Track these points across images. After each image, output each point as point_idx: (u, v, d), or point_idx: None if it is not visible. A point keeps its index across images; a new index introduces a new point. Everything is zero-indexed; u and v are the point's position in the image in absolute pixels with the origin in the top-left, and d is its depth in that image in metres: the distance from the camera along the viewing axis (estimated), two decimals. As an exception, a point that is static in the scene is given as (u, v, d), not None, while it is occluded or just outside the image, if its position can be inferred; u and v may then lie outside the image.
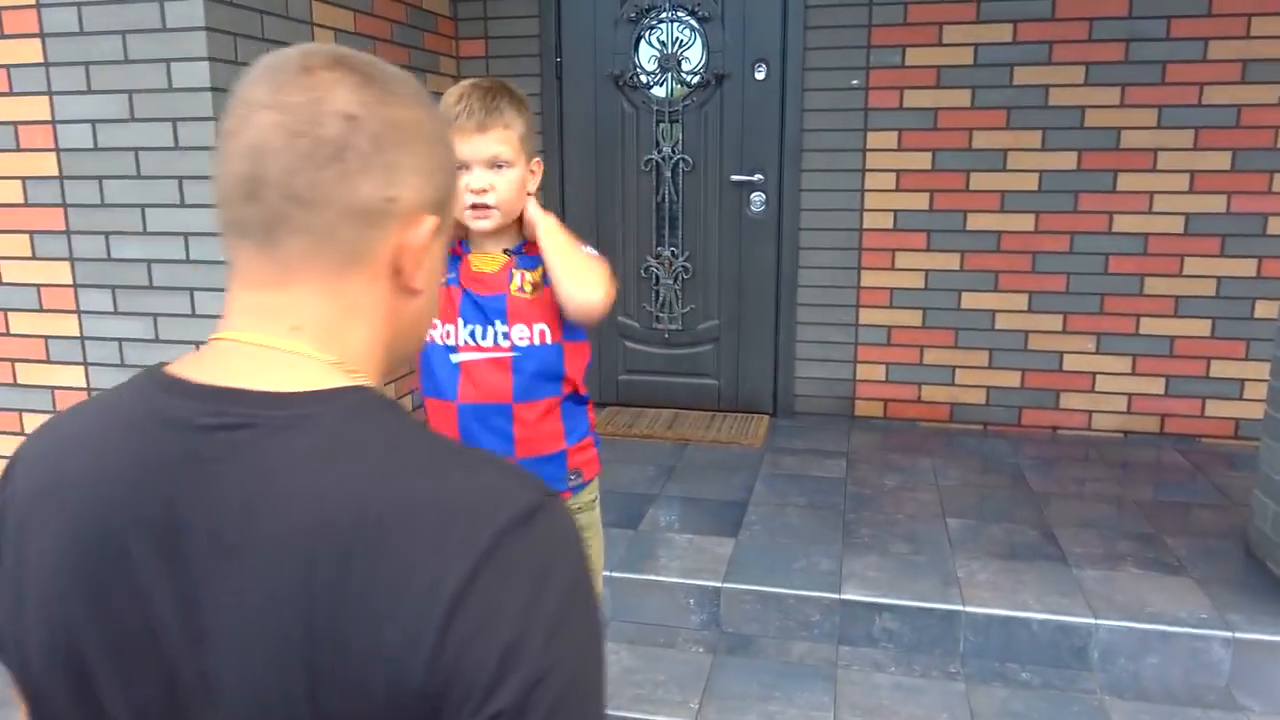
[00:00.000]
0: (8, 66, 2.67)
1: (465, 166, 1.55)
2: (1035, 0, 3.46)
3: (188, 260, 2.67)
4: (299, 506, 0.57)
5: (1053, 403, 3.75)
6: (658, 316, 3.99)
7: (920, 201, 3.69)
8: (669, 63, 3.80)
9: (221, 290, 2.72)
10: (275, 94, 0.64)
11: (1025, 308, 3.69)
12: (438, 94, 3.98)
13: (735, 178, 3.82)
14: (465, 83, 1.60)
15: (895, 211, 3.72)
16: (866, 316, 3.83)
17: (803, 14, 3.64)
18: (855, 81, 3.65)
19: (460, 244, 1.64)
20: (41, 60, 2.65)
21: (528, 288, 1.61)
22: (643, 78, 3.83)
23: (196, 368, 0.65)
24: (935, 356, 3.80)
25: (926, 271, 3.74)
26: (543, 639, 0.56)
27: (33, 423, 2.90)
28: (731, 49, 3.75)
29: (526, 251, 1.64)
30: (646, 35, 3.81)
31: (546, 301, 1.61)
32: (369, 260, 0.66)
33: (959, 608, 2.40)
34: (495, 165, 1.56)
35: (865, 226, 3.76)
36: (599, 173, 3.90)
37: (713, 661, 2.39)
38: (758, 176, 3.80)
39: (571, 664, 0.57)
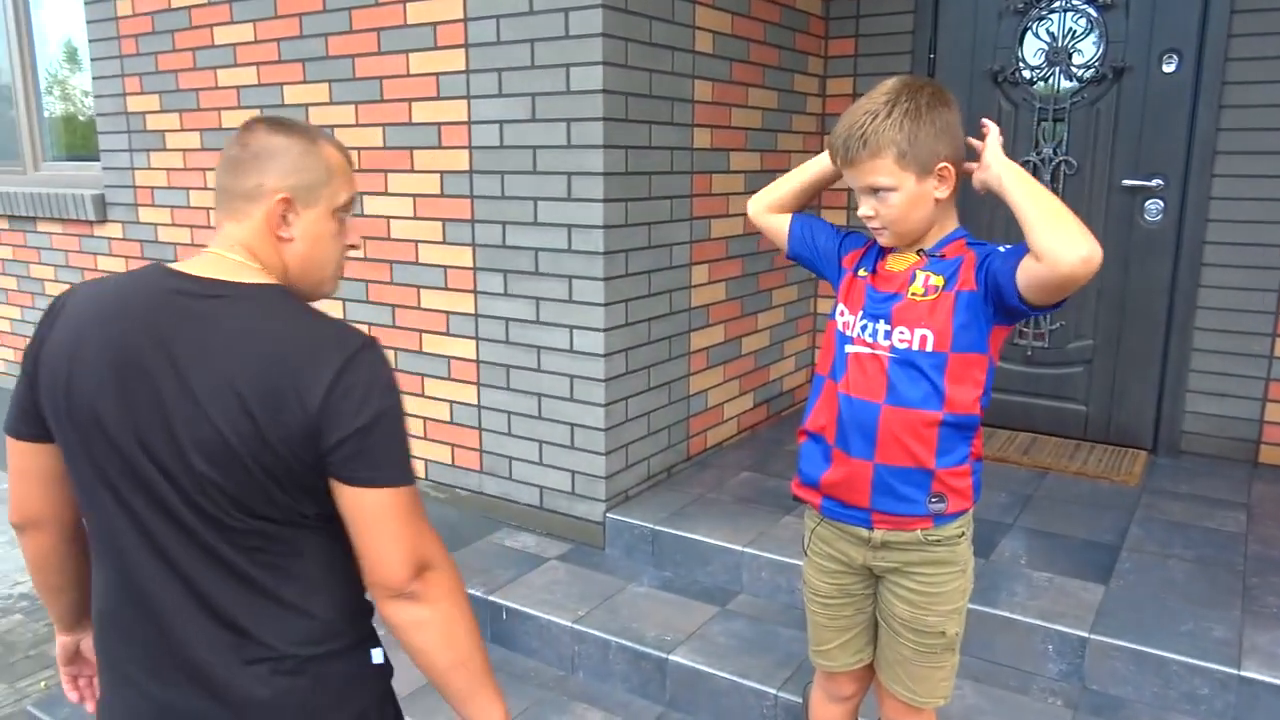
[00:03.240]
0: (437, 74, 3.04)
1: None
2: None
3: (569, 250, 2.88)
4: (248, 335, 1.14)
5: None
6: (1021, 331, 3.69)
7: (1373, 215, 3.06)
8: (1058, 56, 3.48)
9: (596, 279, 2.92)
10: (228, 146, 1.25)
11: None
12: (802, 95, 3.96)
13: (1127, 182, 3.41)
14: (850, 108, 1.58)
15: (1336, 226, 3.13)
16: (1285, 348, 3.26)
17: (1231, -4, 3.16)
18: (1294, 72, 3.11)
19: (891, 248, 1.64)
20: (464, 68, 2.98)
21: (920, 290, 1.55)
22: (1025, 73, 3.55)
23: (189, 266, 1.21)
24: (1378, 403, 3.14)
25: (1374, 300, 3.11)
26: (378, 396, 1.15)
27: (433, 387, 3.30)
28: (1135, 39, 3.35)
29: (942, 255, 1.58)
30: (1034, 27, 3.52)
31: (941, 307, 1.53)
32: (254, 217, 1.22)
33: (1407, 714, 1.96)
34: (873, 192, 1.55)
35: (1293, 242, 3.20)
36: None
37: (1073, 718, 2.16)
38: (1156, 181, 3.37)
39: (392, 417, 1.17)
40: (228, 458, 1.11)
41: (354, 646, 1.26)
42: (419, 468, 3.40)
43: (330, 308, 3.46)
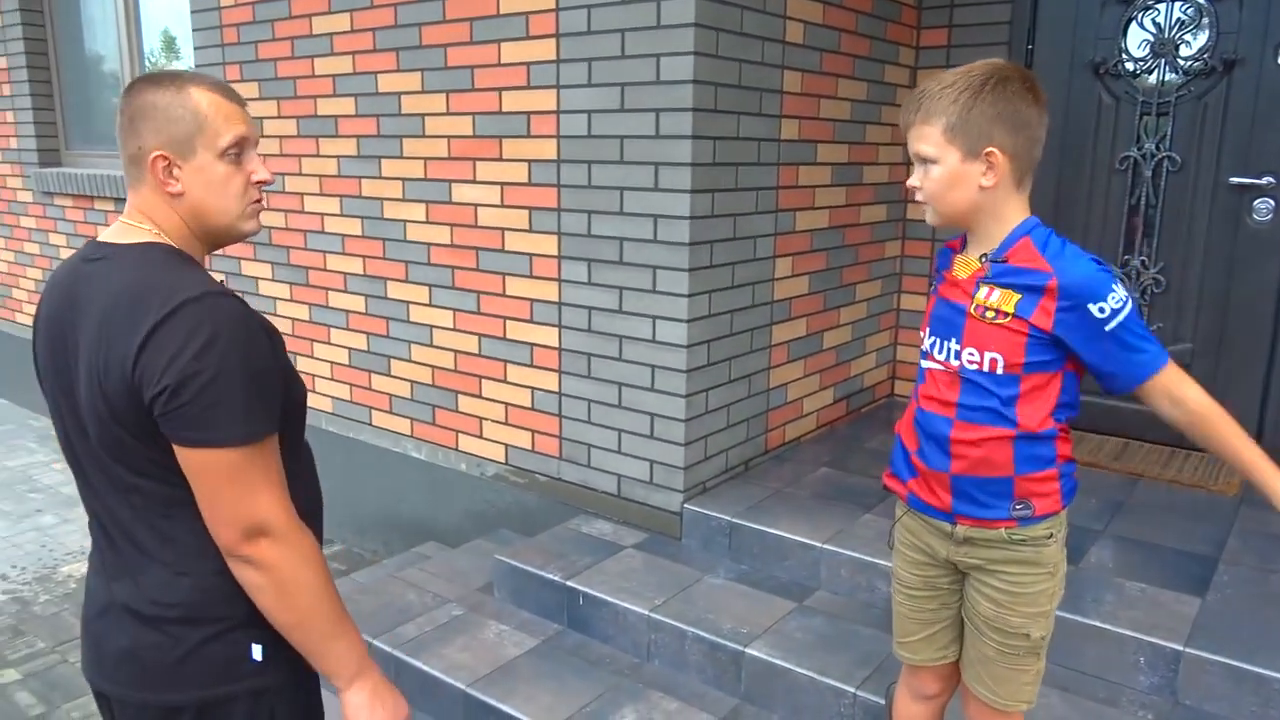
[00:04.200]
0: (528, 64, 3.07)
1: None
2: None
3: (655, 240, 2.89)
4: (109, 291, 1.21)
5: None
6: (1114, 333, 3.56)
7: None
8: (1164, 48, 3.35)
9: (681, 270, 2.92)
10: (118, 112, 1.30)
11: None
12: (893, 86, 3.90)
13: (1235, 180, 3.27)
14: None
15: None
16: (1403, 357, 3.08)
17: (1356, -16, 3.00)
18: None
19: (962, 242, 1.62)
20: (554, 58, 3.01)
21: (990, 313, 1.52)
22: (1129, 65, 3.42)
23: (104, 235, 1.31)
24: None
25: None
26: (189, 356, 1.14)
27: (515, 373, 3.35)
28: (1249, 30, 3.20)
29: (1008, 261, 1.53)
30: (1139, 17, 3.39)
31: (1013, 334, 1.51)
32: (145, 179, 1.29)
33: None
34: (922, 161, 1.55)
35: None
36: (1063, 169, 3.56)
37: (1164, 734, 2.09)
38: (1266, 180, 3.22)
39: (206, 377, 1.15)
40: (96, 410, 1.21)
41: (225, 626, 1.28)
42: (499, 451, 3.46)
43: (418, 294, 3.54)
